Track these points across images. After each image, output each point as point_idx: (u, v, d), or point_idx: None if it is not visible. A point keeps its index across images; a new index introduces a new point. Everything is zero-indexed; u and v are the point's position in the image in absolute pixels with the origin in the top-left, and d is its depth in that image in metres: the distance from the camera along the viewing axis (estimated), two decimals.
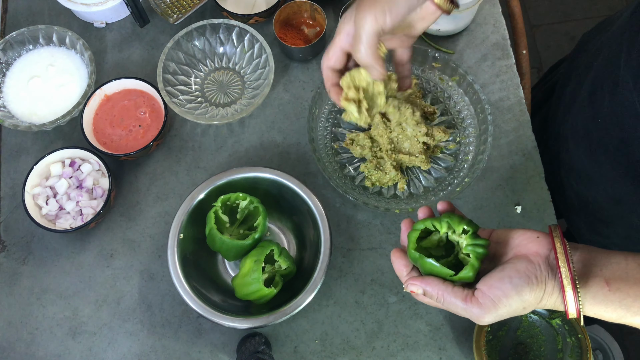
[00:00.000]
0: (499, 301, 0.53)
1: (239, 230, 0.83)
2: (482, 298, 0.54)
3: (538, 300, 0.54)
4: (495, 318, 0.55)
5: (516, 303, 0.53)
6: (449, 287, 0.56)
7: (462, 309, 0.55)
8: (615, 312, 0.53)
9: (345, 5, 0.93)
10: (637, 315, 0.52)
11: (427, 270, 0.57)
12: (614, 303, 0.52)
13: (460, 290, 0.55)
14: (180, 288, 0.75)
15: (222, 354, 0.83)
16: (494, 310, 0.54)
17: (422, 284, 0.57)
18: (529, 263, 0.54)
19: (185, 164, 0.92)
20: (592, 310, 0.54)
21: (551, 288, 0.54)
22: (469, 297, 0.55)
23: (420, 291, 0.57)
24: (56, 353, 0.83)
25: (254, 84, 0.94)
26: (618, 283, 0.53)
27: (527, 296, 0.53)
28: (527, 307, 0.54)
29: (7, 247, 0.89)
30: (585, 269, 0.54)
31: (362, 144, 0.87)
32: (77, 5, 0.96)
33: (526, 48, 0.97)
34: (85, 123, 0.89)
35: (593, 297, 0.53)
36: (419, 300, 0.59)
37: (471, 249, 0.56)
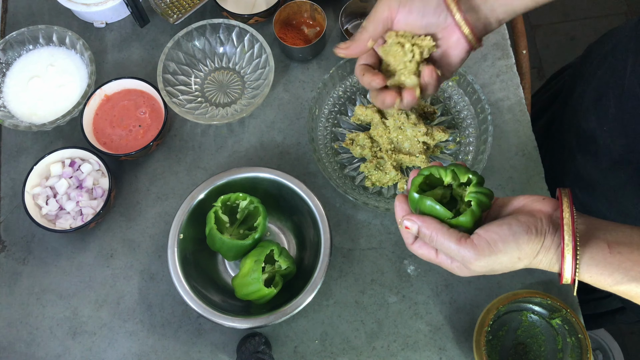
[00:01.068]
0: (495, 245, 0.52)
1: (239, 230, 0.83)
2: (477, 240, 0.53)
3: (534, 253, 0.53)
4: (487, 265, 0.53)
5: (512, 250, 0.52)
6: (444, 228, 0.54)
7: (455, 250, 0.53)
8: (612, 277, 0.52)
9: (344, 6, 0.93)
10: (633, 280, 0.51)
11: (426, 211, 0.56)
12: (612, 265, 0.51)
13: (455, 232, 0.54)
14: (180, 288, 0.75)
15: (222, 354, 0.83)
16: (488, 254, 0.52)
17: (418, 220, 0.55)
18: (531, 216, 0.53)
19: (185, 164, 0.92)
20: (588, 272, 0.52)
21: (550, 242, 0.53)
22: (463, 239, 0.53)
23: (414, 228, 0.55)
24: (56, 353, 0.83)
25: (254, 84, 0.94)
26: (620, 247, 0.52)
27: (524, 245, 0.52)
28: (522, 258, 0.53)
29: (7, 247, 0.89)
30: (588, 231, 0.53)
31: (362, 144, 0.87)
32: (77, 5, 0.96)
33: (526, 48, 0.97)
34: (85, 123, 0.89)
35: (591, 258, 0.52)
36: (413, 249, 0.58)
37: (473, 196, 0.55)
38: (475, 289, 0.84)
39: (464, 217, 0.54)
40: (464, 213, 0.54)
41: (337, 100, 0.92)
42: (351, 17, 0.97)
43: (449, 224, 0.55)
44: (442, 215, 0.55)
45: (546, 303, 0.79)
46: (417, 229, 0.55)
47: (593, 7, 2.00)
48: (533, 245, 0.52)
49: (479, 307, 0.83)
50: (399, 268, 0.85)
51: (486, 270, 0.54)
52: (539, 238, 0.52)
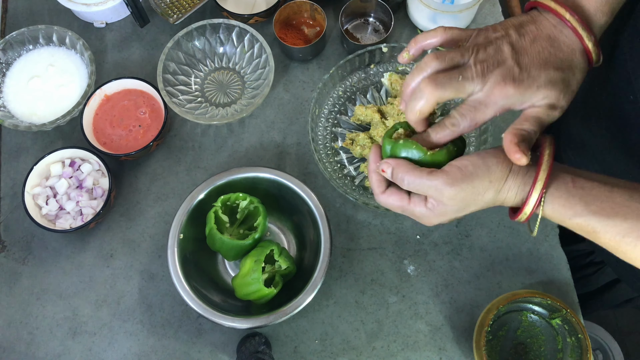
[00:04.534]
0: (466, 168, 0.54)
1: (239, 230, 0.83)
2: (448, 168, 0.54)
3: (504, 176, 0.54)
4: (459, 193, 0.54)
5: (482, 173, 0.54)
6: (415, 166, 0.56)
7: (427, 182, 0.54)
8: (573, 209, 0.53)
9: (344, 6, 0.93)
10: (592, 214, 0.52)
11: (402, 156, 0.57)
12: (574, 198, 0.53)
13: (426, 168, 0.55)
14: (180, 288, 0.75)
15: (222, 354, 0.83)
16: (460, 178, 0.53)
17: (392, 162, 0.57)
18: (500, 149, 0.55)
19: (185, 164, 0.92)
20: (551, 204, 0.54)
21: (517, 168, 0.54)
22: (434, 171, 0.55)
23: (389, 171, 0.57)
24: (56, 353, 0.83)
25: (254, 84, 0.94)
26: (583, 182, 0.54)
27: (494, 167, 0.54)
28: (493, 181, 0.54)
29: (7, 247, 0.89)
30: (555, 167, 0.55)
31: (362, 144, 0.87)
32: (77, 5, 0.96)
33: None
34: (85, 123, 0.89)
35: (556, 189, 0.54)
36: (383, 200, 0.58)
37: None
38: (475, 289, 0.84)
39: (439, 155, 0.56)
40: (439, 151, 0.56)
41: (337, 100, 0.92)
42: (351, 17, 0.97)
43: (426, 161, 0.56)
44: (418, 156, 0.56)
45: (546, 303, 0.79)
46: (391, 171, 0.57)
47: None
48: (502, 167, 0.54)
49: (479, 307, 0.83)
50: (399, 268, 0.85)
51: (459, 201, 0.55)
52: (507, 163, 0.54)
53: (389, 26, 0.94)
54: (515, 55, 0.55)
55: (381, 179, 0.59)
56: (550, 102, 0.55)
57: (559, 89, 0.55)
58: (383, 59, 0.92)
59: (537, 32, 0.57)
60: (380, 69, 0.93)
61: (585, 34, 0.56)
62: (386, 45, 0.89)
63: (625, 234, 0.52)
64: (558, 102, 0.56)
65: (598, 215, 0.52)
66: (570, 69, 0.57)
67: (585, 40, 0.57)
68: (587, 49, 0.57)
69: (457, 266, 0.85)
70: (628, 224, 0.51)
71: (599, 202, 0.52)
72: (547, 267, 0.85)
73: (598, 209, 0.52)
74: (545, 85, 0.55)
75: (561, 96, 0.56)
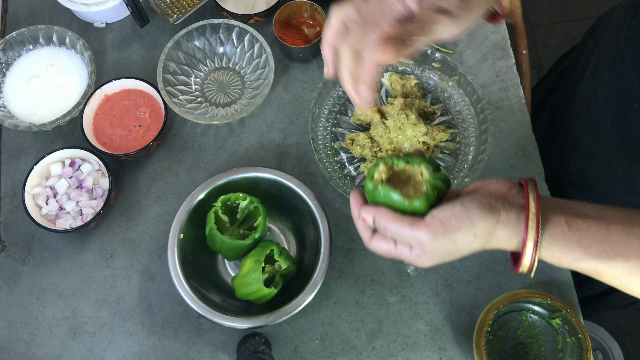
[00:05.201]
0: (448, 222, 0.51)
1: (239, 230, 0.83)
2: (430, 220, 0.52)
3: (491, 230, 0.52)
4: (443, 245, 0.52)
5: (466, 227, 0.51)
6: (397, 215, 0.53)
7: (409, 234, 0.52)
8: (572, 254, 0.51)
9: None
10: (593, 257, 0.51)
11: (381, 200, 0.55)
12: (572, 243, 0.51)
13: (408, 217, 0.53)
14: (180, 288, 0.75)
15: (222, 354, 0.83)
16: (442, 232, 0.51)
17: (373, 210, 0.55)
18: (484, 195, 0.53)
19: (185, 164, 0.92)
20: (549, 251, 0.52)
21: (506, 219, 0.52)
22: (417, 221, 0.52)
23: (370, 219, 0.55)
24: (56, 353, 0.83)
25: (254, 84, 0.94)
26: (578, 223, 0.51)
27: (479, 220, 0.51)
28: (479, 235, 0.52)
29: (7, 247, 0.89)
30: (545, 210, 0.52)
31: (362, 144, 0.87)
32: (77, 5, 0.96)
33: (526, 48, 0.97)
34: (85, 123, 0.89)
35: (551, 236, 0.51)
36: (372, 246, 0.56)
37: (428, 181, 0.55)
38: (475, 289, 0.84)
39: (418, 201, 0.53)
40: (418, 197, 0.54)
41: (337, 100, 0.92)
42: None
43: (405, 210, 0.54)
44: (397, 203, 0.54)
45: (546, 303, 0.79)
46: (372, 219, 0.55)
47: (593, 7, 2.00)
48: (488, 220, 0.52)
49: (479, 307, 0.83)
50: (399, 268, 0.85)
51: (444, 253, 0.53)
52: (493, 214, 0.52)
53: None
54: None
55: (366, 226, 0.57)
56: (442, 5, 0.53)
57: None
58: None
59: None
60: (380, 69, 0.92)
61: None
62: None
63: (629, 274, 0.51)
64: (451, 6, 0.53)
65: (599, 258, 0.51)
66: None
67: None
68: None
69: (457, 266, 0.85)
70: (630, 263, 0.51)
71: (598, 244, 0.51)
72: (547, 267, 0.85)
73: (598, 252, 0.51)
74: None
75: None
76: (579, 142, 0.85)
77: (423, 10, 0.53)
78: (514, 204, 0.53)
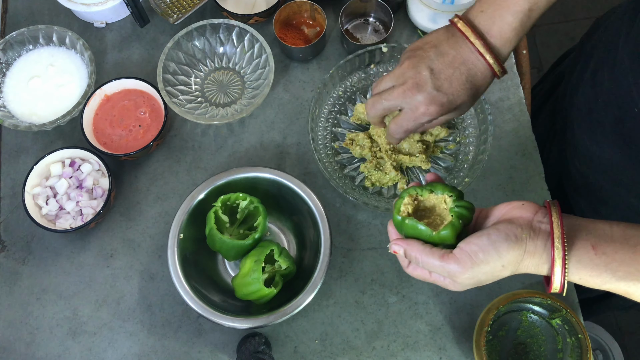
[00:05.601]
0: (476, 256, 0.53)
1: (239, 230, 0.83)
2: (459, 254, 0.54)
3: (518, 260, 0.54)
4: (472, 276, 0.54)
5: (494, 259, 0.53)
6: (427, 248, 0.56)
7: (439, 266, 0.55)
8: (600, 277, 0.53)
9: (345, 6, 0.93)
10: (621, 280, 0.52)
11: (410, 232, 0.58)
12: (599, 267, 0.52)
13: (438, 250, 0.56)
14: (180, 288, 0.75)
15: (222, 354, 0.83)
16: (471, 266, 0.53)
17: (404, 244, 0.58)
18: (510, 223, 0.54)
19: (185, 164, 0.92)
20: (577, 274, 0.53)
21: (533, 248, 0.53)
22: (446, 254, 0.55)
23: (401, 251, 0.58)
24: (56, 353, 0.83)
25: (254, 84, 0.94)
26: (604, 247, 0.53)
27: (505, 253, 0.53)
28: (507, 266, 0.54)
29: (7, 247, 0.89)
30: (570, 233, 0.54)
31: (362, 144, 0.87)
32: (77, 5, 0.96)
33: (526, 48, 0.97)
34: (85, 123, 0.89)
35: (578, 261, 0.53)
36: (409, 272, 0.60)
37: (454, 210, 0.57)
38: (475, 289, 0.84)
39: (445, 231, 0.56)
40: (444, 226, 0.56)
41: (337, 100, 0.92)
42: (351, 17, 0.97)
43: (433, 241, 0.57)
44: (424, 234, 0.57)
45: (546, 303, 0.79)
46: (403, 251, 0.58)
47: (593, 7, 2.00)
48: (514, 252, 0.53)
49: (479, 307, 0.83)
50: (399, 268, 0.85)
51: (473, 282, 0.55)
52: (519, 245, 0.53)
53: (389, 26, 0.94)
54: (433, 78, 0.65)
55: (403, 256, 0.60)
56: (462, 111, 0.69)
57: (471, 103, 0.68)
58: (383, 59, 0.92)
59: (454, 55, 0.66)
60: (380, 69, 0.93)
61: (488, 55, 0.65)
62: (386, 45, 0.89)
63: None
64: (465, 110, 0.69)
65: (626, 280, 0.52)
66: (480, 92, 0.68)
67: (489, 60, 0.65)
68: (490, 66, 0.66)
69: None
70: None
71: (625, 267, 0.52)
72: None
73: (625, 274, 0.52)
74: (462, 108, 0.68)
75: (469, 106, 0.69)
76: (579, 146, 0.85)
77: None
78: (539, 232, 0.54)
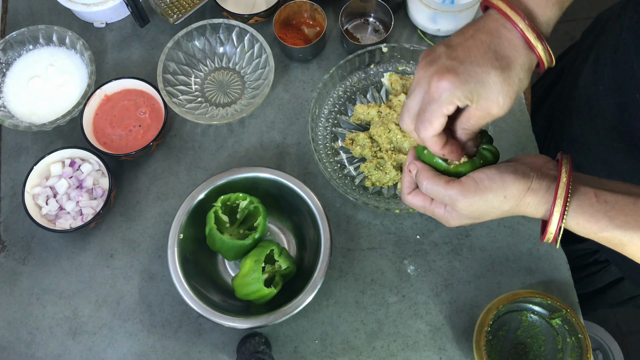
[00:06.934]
0: (481, 182, 0.54)
1: (239, 230, 0.83)
2: (465, 179, 0.55)
3: (521, 195, 0.54)
4: (473, 204, 0.55)
5: (498, 188, 0.54)
6: (436, 173, 0.57)
7: (443, 191, 0.56)
8: (597, 224, 0.53)
9: (345, 6, 0.93)
10: (618, 228, 0.53)
11: (428, 160, 0.59)
12: (599, 213, 0.53)
13: (445, 176, 0.57)
14: (180, 288, 0.75)
15: (222, 354, 0.83)
16: (474, 191, 0.54)
17: (419, 164, 0.59)
18: (521, 163, 0.56)
19: (185, 164, 0.92)
20: (575, 219, 0.54)
21: (537, 186, 0.54)
22: (452, 181, 0.56)
23: (414, 171, 0.59)
24: (56, 353, 0.83)
25: (254, 84, 0.94)
26: (606, 195, 0.53)
27: (511, 184, 0.54)
28: (508, 198, 0.54)
29: (7, 247, 0.89)
30: (576, 181, 0.55)
31: (362, 143, 0.87)
32: (77, 5, 0.96)
33: None
34: (85, 123, 0.89)
35: (579, 205, 0.54)
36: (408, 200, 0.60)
37: (479, 150, 0.58)
38: (475, 289, 0.84)
39: (463, 167, 0.57)
40: (464, 163, 0.57)
41: (337, 100, 0.92)
42: (351, 17, 0.97)
43: (448, 172, 0.58)
44: (441, 165, 0.58)
45: (546, 303, 0.79)
46: (416, 172, 0.59)
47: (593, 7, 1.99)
48: (519, 185, 0.54)
49: (479, 307, 0.83)
50: (399, 268, 0.85)
51: (471, 210, 0.56)
52: (525, 179, 0.54)
53: (389, 26, 0.94)
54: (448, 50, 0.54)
55: (411, 180, 0.61)
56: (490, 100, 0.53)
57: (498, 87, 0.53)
58: (383, 59, 0.92)
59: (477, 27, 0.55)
60: (380, 69, 0.93)
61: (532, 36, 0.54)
62: (386, 45, 0.89)
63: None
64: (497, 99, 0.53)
65: (623, 229, 0.53)
66: (511, 66, 0.53)
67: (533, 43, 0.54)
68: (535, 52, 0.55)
69: (457, 266, 0.85)
70: None
71: (624, 216, 0.52)
72: (547, 267, 0.85)
73: (623, 223, 0.52)
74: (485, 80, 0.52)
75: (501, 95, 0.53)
76: (577, 137, 0.86)
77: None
78: (547, 175, 0.55)
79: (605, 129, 0.77)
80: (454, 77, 0.52)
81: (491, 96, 0.53)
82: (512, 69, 0.53)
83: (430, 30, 0.96)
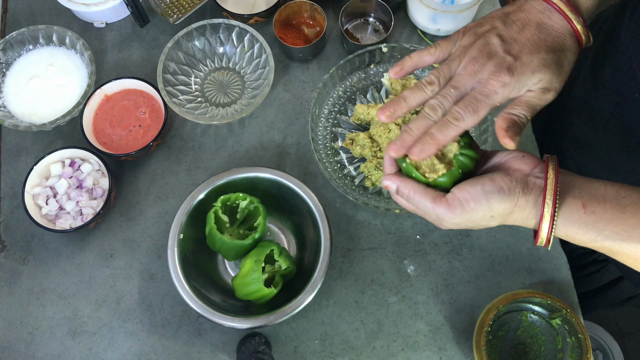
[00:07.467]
0: (467, 204, 0.54)
1: (239, 230, 0.83)
2: (451, 199, 0.55)
3: (508, 212, 0.55)
4: (460, 221, 0.55)
5: (483, 209, 0.54)
6: (421, 187, 0.57)
7: (430, 208, 0.56)
8: (586, 235, 0.53)
9: (344, 6, 0.93)
10: (607, 239, 0.53)
11: (407, 171, 0.58)
12: (587, 225, 0.53)
13: (432, 191, 0.56)
14: (180, 288, 0.75)
15: (222, 354, 0.83)
16: (460, 212, 0.54)
17: (397, 180, 0.58)
18: (506, 175, 0.55)
19: (185, 164, 0.92)
20: (564, 231, 0.54)
21: (524, 202, 0.54)
22: (438, 198, 0.56)
23: (393, 187, 0.58)
24: (56, 353, 0.83)
25: (254, 84, 0.94)
26: (594, 206, 0.53)
27: (497, 205, 0.54)
28: (495, 217, 0.55)
29: (7, 247, 0.89)
30: (564, 190, 0.54)
31: (362, 143, 0.87)
32: (77, 5, 0.96)
33: None
34: (85, 123, 0.89)
35: (567, 218, 0.54)
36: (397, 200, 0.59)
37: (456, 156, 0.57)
38: (475, 289, 0.84)
39: (442, 179, 0.56)
40: (443, 175, 0.56)
41: (337, 100, 0.92)
42: (351, 17, 0.97)
43: (429, 184, 0.57)
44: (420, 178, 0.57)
45: (546, 303, 0.79)
46: (396, 187, 0.58)
47: None
48: (505, 205, 0.54)
49: (479, 307, 0.83)
50: (399, 268, 0.85)
51: (461, 226, 0.57)
52: (511, 198, 0.54)
53: (389, 26, 0.94)
54: (504, 45, 0.56)
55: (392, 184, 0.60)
56: (544, 85, 0.56)
57: (552, 71, 0.56)
58: (383, 59, 0.92)
59: (525, 19, 0.58)
60: (380, 69, 0.93)
61: (573, 16, 0.57)
62: (386, 45, 0.89)
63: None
64: (551, 84, 0.56)
65: (612, 240, 0.53)
66: (562, 51, 0.57)
67: (574, 22, 0.58)
68: (576, 30, 0.58)
69: (457, 266, 0.85)
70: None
71: (612, 227, 0.52)
72: (547, 267, 0.85)
73: (611, 234, 0.53)
74: (539, 68, 0.55)
75: (554, 78, 0.56)
76: (577, 136, 0.86)
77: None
78: (533, 187, 0.54)
79: (604, 128, 0.78)
80: (511, 76, 0.55)
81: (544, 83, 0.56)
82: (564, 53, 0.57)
83: (430, 30, 0.96)
